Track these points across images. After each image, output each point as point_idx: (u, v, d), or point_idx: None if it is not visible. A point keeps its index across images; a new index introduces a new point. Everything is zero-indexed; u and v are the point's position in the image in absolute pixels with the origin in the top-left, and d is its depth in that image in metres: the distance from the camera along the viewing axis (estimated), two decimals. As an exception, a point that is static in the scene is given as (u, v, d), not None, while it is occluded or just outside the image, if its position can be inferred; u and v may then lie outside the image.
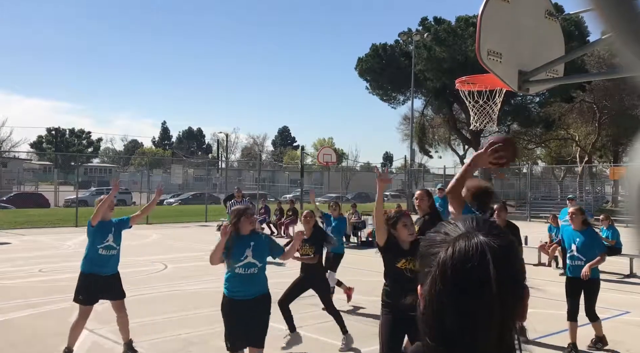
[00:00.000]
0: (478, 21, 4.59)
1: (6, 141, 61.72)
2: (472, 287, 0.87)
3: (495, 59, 4.63)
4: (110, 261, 5.89)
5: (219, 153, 68.25)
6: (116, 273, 5.96)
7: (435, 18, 36.51)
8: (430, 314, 0.89)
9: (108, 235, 5.83)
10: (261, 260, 4.64)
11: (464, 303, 0.87)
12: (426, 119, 43.80)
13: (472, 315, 0.87)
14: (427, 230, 3.56)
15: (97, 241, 5.81)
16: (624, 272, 11.74)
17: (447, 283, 0.88)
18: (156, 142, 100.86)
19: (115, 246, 5.89)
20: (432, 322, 0.89)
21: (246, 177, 60.71)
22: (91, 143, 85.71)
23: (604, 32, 0.71)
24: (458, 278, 0.87)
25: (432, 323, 0.89)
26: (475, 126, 6.71)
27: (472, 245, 0.89)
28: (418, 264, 0.98)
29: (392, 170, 76.61)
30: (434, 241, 0.94)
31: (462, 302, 0.87)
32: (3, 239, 16.92)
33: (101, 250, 5.80)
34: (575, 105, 36.45)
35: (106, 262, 5.84)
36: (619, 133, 36.80)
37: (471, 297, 0.87)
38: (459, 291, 0.87)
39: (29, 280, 10.28)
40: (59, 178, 45.58)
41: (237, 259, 4.55)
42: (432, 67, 35.05)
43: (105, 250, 5.82)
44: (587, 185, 36.10)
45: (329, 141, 78.49)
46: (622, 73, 4.15)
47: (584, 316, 6.61)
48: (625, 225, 15.10)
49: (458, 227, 0.94)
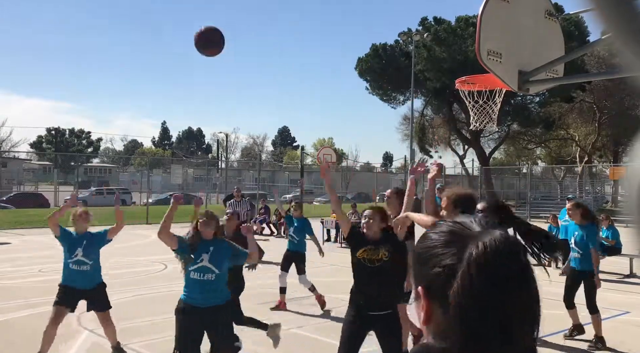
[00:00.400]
0: (478, 21, 4.59)
1: (6, 141, 61.75)
2: (512, 280, 0.87)
3: (495, 59, 4.63)
4: (84, 277, 5.51)
5: (219, 153, 68.24)
6: (96, 287, 5.60)
7: (435, 18, 36.52)
8: (460, 314, 0.86)
9: (76, 250, 5.47)
10: (218, 267, 4.48)
11: (506, 296, 0.86)
12: (426, 119, 43.79)
13: (515, 309, 0.86)
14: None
15: (66, 254, 5.50)
16: (624, 272, 11.75)
17: (484, 278, 0.86)
18: (156, 142, 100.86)
19: (87, 261, 5.50)
20: (461, 323, 0.86)
21: (246, 177, 60.73)
22: (91, 143, 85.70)
23: (603, 32, 0.71)
24: (495, 272, 0.86)
25: (463, 324, 0.86)
26: (475, 126, 6.70)
27: (499, 238, 0.89)
28: (416, 266, 0.96)
29: (392, 170, 76.58)
30: (438, 241, 0.93)
31: (503, 295, 0.86)
32: (3, 239, 16.92)
33: (71, 264, 5.47)
34: (575, 105, 36.45)
35: (79, 278, 5.49)
36: (619, 133, 36.80)
37: (513, 289, 0.87)
38: (498, 285, 0.86)
39: (29, 280, 10.28)
40: (58, 178, 45.58)
41: (194, 262, 4.45)
42: (432, 67, 35.05)
43: (76, 265, 5.47)
44: (587, 185, 36.11)
45: (329, 141, 78.50)
46: (622, 73, 4.15)
47: (600, 310, 6.64)
48: (625, 225, 15.09)
49: (466, 224, 0.94)
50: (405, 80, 36.33)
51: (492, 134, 43.64)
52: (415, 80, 34.21)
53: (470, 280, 0.86)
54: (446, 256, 0.90)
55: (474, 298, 0.85)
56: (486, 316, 0.86)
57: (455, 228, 0.93)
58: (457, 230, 0.93)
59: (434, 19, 36.47)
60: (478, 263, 0.87)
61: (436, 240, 0.94)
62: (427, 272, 0.92)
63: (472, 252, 0.88)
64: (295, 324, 7.06)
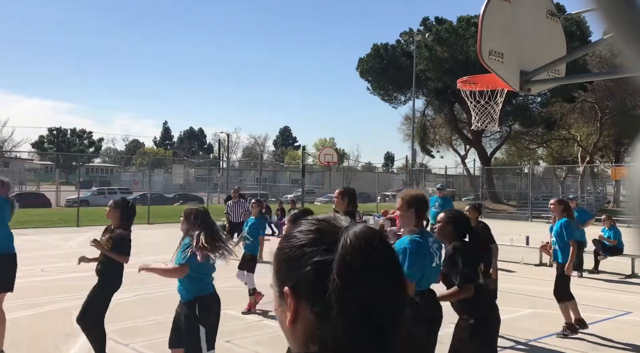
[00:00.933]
0: (479, 21, 4.59)
1: (8, 141, 61.80)
2: (385, 262, 0.90)
3: (497, 58, 4.63)
4: None
5: (220, 153, 68.25)
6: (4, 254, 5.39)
7: (437, 18, 36.51)
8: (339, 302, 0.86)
9: None
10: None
11: (382, 278, 0.88)
12: (427, 119, 43.79)
13: (388, 294, 0.89)
14: None
15: None
16: (626, 272, 11.73)
17: (361, 263, 0.87)
18: (157, 142, 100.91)
19: None
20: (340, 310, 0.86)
21: (247, 177, 60.72)
22: (92, 143, 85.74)
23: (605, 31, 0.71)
24: (370, 255, 0.88)
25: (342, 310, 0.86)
26: (477, 126, 6.70)
27: (365, 227, 0.92)
28: (281, 266, 0.94)
29: (394, 170, 76.57)
30: (306, 239, 0.92)
31: (380, 277, 0.88)
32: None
33: None
34: (576, 105, 36.42)
35: None
36: (621, 133, 36.79)
37: (387, 271, 0.89)
38: (375, 267, 0.88)
39: (31, 279, 10.29)
40: (60, 178, 45.67)
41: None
42: (434, 67, 35.04)
43: None
44: (589, 186, 36.08)
45: (330, 141, 78.46)
46: (624, 73, 4.14)
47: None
48: (627, 226, 15.08)
49: (332, 221, 0.94)
50: (406, 80, 36.33)
51: (493, 134, 43.63)
52: (417, 80, 34.20)
53: (348, 267, 0.86)
54: (315, 253, 0.89)
55: (354, 283, 0.86)
56: (367, 299, 0.86)
57: (322, 226, 0.93)
58: (323, 227, 0.93)
59: (436, 19, 36.46)
60: (354, 248, 0.88)
61: (303, 238, 0.92)
62: (294, 271, 0.91)
63: (347, 239, 0.89)
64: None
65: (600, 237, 12.08)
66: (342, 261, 0.87)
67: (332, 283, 0.86)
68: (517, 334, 6.91)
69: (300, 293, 0.90)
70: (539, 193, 37.98)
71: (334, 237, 0.90)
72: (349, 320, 0.86)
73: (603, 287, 10.41)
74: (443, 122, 43.16)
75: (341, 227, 0.92)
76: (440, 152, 47.30)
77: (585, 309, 8.32)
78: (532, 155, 50.66)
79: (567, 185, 43.97)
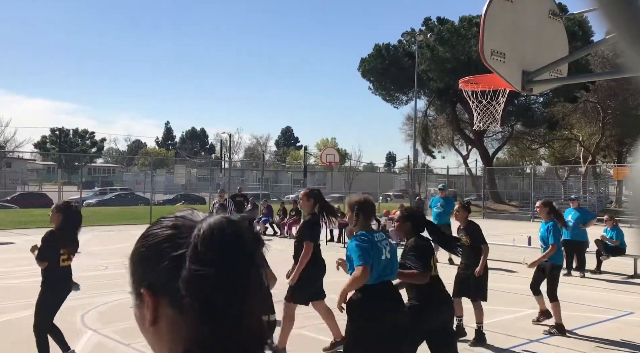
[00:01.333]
0: (481, 21, 4.58)
1: (10, 141, 61.82)
2: (241, 253, 0.89)
3: (499, 58, 4.62)
4: None
5: (222, 153, 68.32)
6: None
7: (439, 18, 36.48)
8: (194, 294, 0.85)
9: None
10: None
11: (236, 268, 0.88)
12: (429, 119, 43.75)
13: (246, 281, 0.88)
14: (306, 230, 4.98)
15: None
16: (628, 272, 11.70)
17: (213, 252, 0.87)
18: (159, 142, 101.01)
19: None
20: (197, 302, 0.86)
21: (249, 177, 60.70)
22: (95, 143, 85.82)
23: (608, 31, 0.71)
24: (223, 245, 0.88)
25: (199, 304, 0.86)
26: (479, 126, 6.69)
27: (222, 218, 0.92)
28: (137, 265, 0.93)
29: (396, 170, 76.55)
30: (162, 235, 0.91)
31: (234, 267, 0.88)
32: (7, 239, 16.97)
33: None
34: (579, 105, 36.38)
35: None
36: (623, 133, 36.72)
37: (243, 262, 0.89)
38: (228, 258, 0.88)
39: (32, 280, 10.28)
40: (62, 178, 45.66)
41: None
42: (436, 67, 35.01)
43: None
44: (591, 186, 36.01)
45: (332, 141, 78.48)
46: (626, 73, 4.13)
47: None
48: (630, 226, 15.04)
49: (188, 217, 0.94)
50: (408, 80, 36.30)
51: (495, 134, 43.57)
52: (419, 81, 34.17)
53: (199, 256, 0.86)
54: (173, 248, 0.89)
55: (205, 271, 0.86)
56: (220, 289, 0.86)
57: (178, 222, 0.93)
58: (180, 223, 0.92)
59: (438, 19, 36.44)
60: (205, 237, 0.88)
61: (160, 234, 0.92)
62: (151, 270, 0.90)
63: (200, 230, 0.89)
64: (298, 325, 7.05)
65: (602, 237, 12.06)
66: (194, 250, 0.87)
67: (184, 273, 0.86)
68: (518, 334, 6.90)
69: (159, 291, 0.89)
70: (541, 194, 37.90)
71: (190, 231, 0.90)
72: (204, 308, 0.85)
73: (605, 288, 10.39)
74: (445, 122, 43.12)
75: (199, 221, 0.92)
76: (442, 152, 47.30)
77: (588, 310, 8.32)
78: (534, 155, 50.61)
79: (569, 185, 43.88)
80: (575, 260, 11.75)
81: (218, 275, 0.87)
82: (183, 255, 0.88)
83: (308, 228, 6.03)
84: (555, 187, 45.56)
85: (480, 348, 6.36)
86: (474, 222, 6.96)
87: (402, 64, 38.44)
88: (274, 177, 62.55)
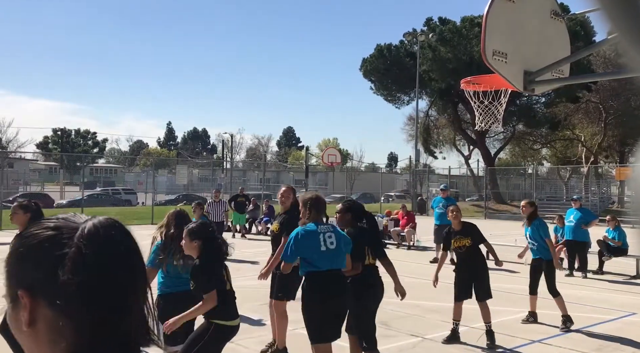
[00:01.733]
0: (483, 21, 4.57)
1: (12, 142, 61.99)
2: (122, 249, 0.91)
3: (501, 59, 4.62)
4: None
5: (224, 153, 68.31)
6: None
7: (440, 18, 36.48)
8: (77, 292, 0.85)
9: None
10: None
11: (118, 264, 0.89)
12: (431, 119, 43.72)
13: (122, 280, 0.89)
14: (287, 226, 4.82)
15: None
16: (630, 273, 11.68)
17: (96, 249, 0.87)
18: (161, 142, 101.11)
19: None
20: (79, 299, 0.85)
21: (251, 177, 60.74)
22: (97, 143, 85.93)
23: (609, 31, 0.71)
24: (105, 242, 0.89)
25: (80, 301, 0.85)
26: (481, 126, 6.68)
27: (105, 219, 0.93)
28: (15, 266, 0.91)
29: (397, 171, 76.53)
30: (43, 236, 0.90)
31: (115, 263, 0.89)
32: (9, 239, 16.97)
33: None
34: (581, 106, 36.31)
35: None
36: (625, 133, 36.64)
37: (123, 258, 0.91)
38: (109, 254, 0.89)
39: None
40: (64, 178, 45.76)
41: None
42: (437, 68, 35.00)
43: None
44: (593, 186, 35.97)
45: (333, 141, 78.50)
46: (629, 73, 4.13)
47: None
48: (632, 226, 15.04)
49: (70, 218, 0.94)
50: (410, 80, 36.30)
51: (497, 134, 43.53)
52: (420, 81, 34.17)
53: (81, 255, 0.87)
54: (53, 248, 0.88)
55: (86, 269, 0.86)
56: (102, 286, 0.86)
57: (60, 223, 0.92)
58: (62, 224, 0.92)
59: (439, 20, 36.43)
60: (90, 236, 0.88)
61: (41, 235, 0.91)
62: (30, 270, 0.89)
63: (84, 230, 0.89)
64: (300, 325, 7.05)
65: (604, 237, 12.03)
66: (77, 250, 0.87)
67: (64, 272, 0.85)
68: (521, 335, 6.89)
69: (38, 292, 0.87)
70: (543, 194, 37.91)
71: (72, 233, 0.90)
72: (88, 310, 0.85)
73: (607, 288, 10.38)
74: (446, 122, 43.09)
75: (81, 222, 0.92)
76: (444, 152, 47.24)
77: (590, 310, 8.30)
78: (536, 155, 50.53)
79: (571, 185, 43.86)
80: (577, 261, 11.73)
81: (101, 276, 0.87)
82: (64, 255, 0.87)
83: (289, 224, 6.04)
84: (557, 188, 45.53)
85: (482, 348, 6.35)
86: (469, 222, 6.91)
87: (403, 64, 38.45)
88: (276, 178, 62.55)
